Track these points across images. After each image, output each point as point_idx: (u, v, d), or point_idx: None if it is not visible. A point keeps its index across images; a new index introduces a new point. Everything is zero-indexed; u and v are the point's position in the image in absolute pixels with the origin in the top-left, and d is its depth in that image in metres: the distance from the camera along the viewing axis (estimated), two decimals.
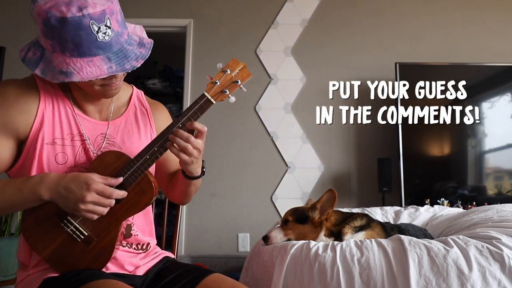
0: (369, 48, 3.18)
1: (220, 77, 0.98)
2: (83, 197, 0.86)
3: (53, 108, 0.97)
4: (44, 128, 0.95)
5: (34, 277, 0.96)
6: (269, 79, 3.17)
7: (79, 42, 0.83)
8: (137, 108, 1.13)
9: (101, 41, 0.85)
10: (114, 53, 0.88)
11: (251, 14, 3.25)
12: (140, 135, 1.10)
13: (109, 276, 0.93)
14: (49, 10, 0.82)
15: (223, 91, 0.98)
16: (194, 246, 3.00)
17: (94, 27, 0.83)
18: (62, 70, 0.84)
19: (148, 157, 0.94)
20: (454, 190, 2.80)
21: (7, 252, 2.51)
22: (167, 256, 1.16)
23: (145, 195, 0.96)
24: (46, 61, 0.87)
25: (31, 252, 0.98)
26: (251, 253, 1.43)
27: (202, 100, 0.96)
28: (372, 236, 1.26)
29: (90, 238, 0.94)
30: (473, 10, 3.21)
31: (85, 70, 0.84)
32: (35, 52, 0.89)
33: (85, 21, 0.81)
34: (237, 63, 0.99)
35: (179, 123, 0.94)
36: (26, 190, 0.88)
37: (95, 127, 1.03)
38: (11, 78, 0.99)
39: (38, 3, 0.83)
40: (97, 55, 0.85)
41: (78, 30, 0.82)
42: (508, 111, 2.87)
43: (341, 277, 1.06)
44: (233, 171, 3.09)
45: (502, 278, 1.00)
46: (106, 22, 0.84)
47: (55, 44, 0.85)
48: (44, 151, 0.94)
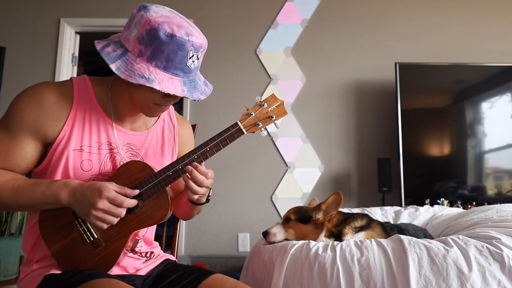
0: (369, 48, 3.18)
1: (256, 109, 1.01)
2: (94, 203, 0.88)
3: (84, 116, 0.99)
4: (73, 135, 0.97)
5: (37, 273, 0.97)
6: (269, 79, 3.17)
7: (172, 59, 0.90)
8: (165, 122, 1.16)
9: (188, 67, 0.93)
10: (189, 80, 0.96)
11: (251, 14, 3.25)
12: (163, 151, 1.12)
13: (109, 275, 0.93)
14: (161, 24, 0.88)
15: (257, 124, 1.01)
16: (194, 246, 3.00)
17: (190, 53, 0.92)
18: (143, 75, 0.89)
19: (171, 173, 0.96)
20: (454, 190, 2.80)
21: (7, 252, 2.51)
22: (168, 258, 1.17)
23: (160, 210, 0.97)
24: (126, 61, 0.90)
25: (36, 247, 1.00)
26: (251, 253, 1.43)
27: (234, 129, 0.99)
28: (372, 236, 1.27)
29: (98, 241, 0.95)
30: (473, 10, 3.21)
31: (164, 83, 0.90)
32: (115, 49, 0.92)
33: (187, 45, 0.90)
34: (275, 99, 1.02)
35: (207, 147, 0.97)
36: (48, 193, 0.92)
37: (124, 136, 1.05)
38: (50, 81, 1.01)
39: (150, 14, 0.90)
40: (178, 76, 0.93)
41: (178, 49, 0.90)
42: (508, 111, 2.88)
43: (341, 277, 1.06)
44: (233, 171, 3.09)
45: (502, 278, 1.00)
46: (199, 54, 0.94)
47: (148, 51, 0.89)
48: (71, 157, 0.97)
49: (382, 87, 3.10)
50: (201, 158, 0.97)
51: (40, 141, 0.96)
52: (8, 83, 3.18)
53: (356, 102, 3.15)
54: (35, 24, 3.27)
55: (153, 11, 0.91)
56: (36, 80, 3.10)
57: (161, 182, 0.96)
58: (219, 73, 3.17)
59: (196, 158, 0.97)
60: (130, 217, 0.96)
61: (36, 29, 3.26)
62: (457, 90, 2.94)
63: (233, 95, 3.13)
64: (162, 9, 0.93)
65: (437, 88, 2.94)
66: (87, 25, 3.30)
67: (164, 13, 0.92)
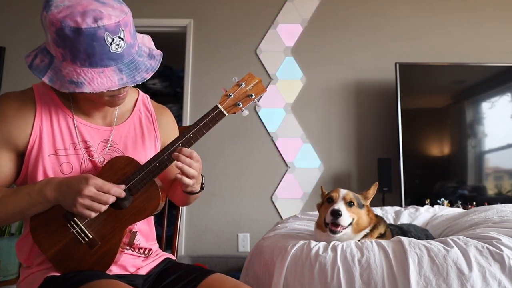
0: (369, 48, 3.18)
1: (234, 90, 1.00)
2: (81, 190, 0.86)
3: (51, 120, 0.98)
4: (44, 141, 0.96)
5: (36, 275, 0.96)
6: (269, 79, 3.17)
7: (92, 53, 0.83)
8: (142, 113, 1.13)
9: (114, 53, 0.84)
10: (125, 64, 0.88)
11: (251, 14, 3.25)
12: (144, 142, 1.10)
13: (110, 276, 0.93)
14: (63, 20, 0.81)
15: (237, 104, 1.00)
16: (194, 246, 3.00)
17: (108, 39, 0.83)
18: (72, 80, 0.84)
19: (158, 164, 0.95)
20: (454, 190, 2.80)
21: (7, 252, 2.51)
22: (168, 257, 1.17)
23: (151, 202, 0.96)
24: (55, 69, 0.86)
25: (32, 255, 0.99)
26: (252, 252, 1.43)
27: (214, 112, 0.98)
28: None
29: (94, 241, 0.95)
30: (473, 10, 3.21)
31: (96, 81, 0.84)
32: (43, 59, 0.88)
33: (99, 33, 0.81)
34: (252, 77, 1.01)
35: (190, 133, 0.96)
36: (33, 193, 0.90)
37: (98, 133, 1.03)
38: (10, 92, 1.00)
39: (51, 11, 0.82)
40: (108, 66, 0.85)
41: (92, 41, 0.81)
42: (508, 111, 2.88)
43: (342, 277, 1.06)
44: (233, 171, 3.09)
45: (502, 278, 1.00)
46: (120, 34, 0.84)
47: (67, 53, 0.84)
48: (47, 163, 0.95)
49: (382, 87, 3.10)
50: (186, 145, 0.96)
51: (14, 152, 0.95)
52: (8, 83, 3.17)
53: (356, 102, 3.15)
54: (35, 24, 3.26)
55: (54, 6, 0.83)
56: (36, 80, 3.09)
57: (148, 174, 0.94)
58: (219, 73, 3.16)
59: (180, 146, 0.96)
60: (123, 213, 0.95)
61: (36, 29, 3.25)
62: (457, 90, 2.94)
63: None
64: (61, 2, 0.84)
65: (437, 88, 2.94)
66: None
67: (67, 3, 0.83)
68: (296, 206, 3.02)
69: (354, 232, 1.22)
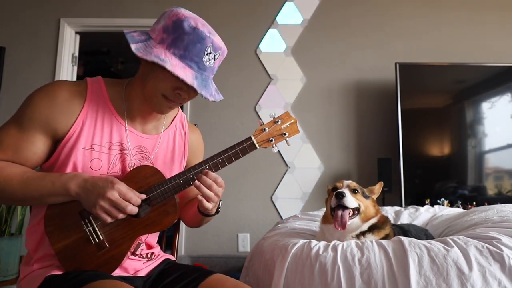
0: (369, 48, 3.18)
1: (270, 125, 1.04)
2: (104, 193, 0.88)
3: (96, 115, 1.00)
4: (84, 133, 0.98)
5: (37, 273, 0.96)
6: (269, 79, 3.17)
7: (190, 49, 0.93)
8: (177, 129, 1.17)
9: (203, 62, 0.95)
10: (202, 77, 0.97)
11: (251, 14, 3.25)
12: (173, 157, 1.13)
13: (111, 277, 0.93)
14: (187, 17, 0.94)
15: (269, 140, 1.04)
16: (194, 246, 3.00)
17: (208, 49, 0.95)
18: (159, 56, 0.91)
19: (182, 182, 0.97)
20: (454, 190, 2.80)
21: (7, 252, 2.51)
22: (168, 258, 1.17)
23: (167, 217, 0.97)
24: (146, 45, 0.94)
25: (40, 245, 0.99)
26: (252, 252, 1.43)
27: (247, 143, 1.02)
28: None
29: (103, 243, 0.95)
30: (473, 10, 3.21)
31: (177, 68, 0.92)
32: (140, 35, 0.96)
33: (207, 41, 0.94)
34: (289, 117, 1.05)
35: (219, 158, 0.99)
36: (58, 183, 0.92)
37: (136, 138, 1.06)
38: (64, 80, 1.04)
39: (181, 10, 0.96)
40: (191, 67, 0.95)
41: (197, 42, 0.93)
42: (508, 111, 2.88)
43: (342, 276, 1.06)
44: (233, 171, 3.08)
45: (502, 278, 1.00)
46: (216, 55, 0.97)
47: (169, 38, 0.93)
48: (80, 154, 0.97)
49: (382, 87, 3.10)
50: (213, 169, 0.99)
51: (50, 136, 0.97)
52: (8, 83, 3.17)
53: (356, 102, 3.15)
54: (35, 24, 3.27)
55: (184, 10, 0.96)
56: (36, 80, 3.11)
57: (171, 189, 0.96)
58: (219, 73, 3.14)
59: (207, 169, 0.98)
60: (136, 222, 0.96)
61: (36, 29, 3.26)
62: (457, 90, 2.94)
63: (233, 95, 3.13)
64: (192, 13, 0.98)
65: (437, 88, 2.94)
66: (87, 25, 3.30)
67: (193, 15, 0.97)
68: (296, 206, 3.02)
69: (362, 221, 1.24)
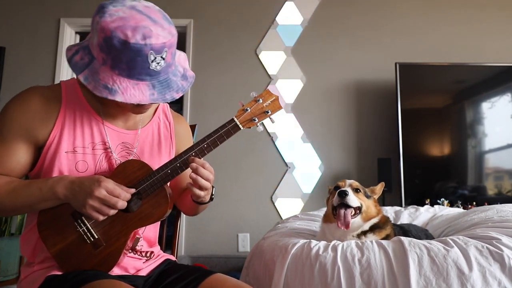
0: (369, 48, 3.18)
1: (251, 105, 1.02)
2: (92, 192, 0.88)
3: (74, 118, 0.99)
4: (64, 137, 0.97)
5: (38, 274, 0.96)
6: (269, 79, 3.17)
7: (133, 66, 0.85)
8: (161, 120, 1.15)
9: (152, 70, 0.88)
10: (160, 81, 0.90)
11: (251, 14, 3.25)
12: (160, 149, 1.12)
13: (112, 276, 0.93)
14: (114, 30, 0.83)
15: (253, 119, 1.02)
16: (194, 246, 3.00)
17: (151, 57, 0.86)
18: (107, 85, 0.86)
19: (169, 171, 0.96)
20: (454, 190, 2.80)
21: (7, 252, 2.51)
22: (168, 258, 1.17)
23: (159, 208, 0.97)
24: (92, 70, 0.87)
25: (37, 250, 1.00)
26: (252, 252, 1.43)
27: (230, 125, 1.00)
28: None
29: (99, 242, 0.95)
30: (473, 10, 3.21)
31: (129, 92, 0.86)
32: (83, 57, 0.90)
33: (145, 50, 0.84)
34: (270, 94, 1.04)
35: (204, 143, 0.98)
36: (45, 188, 0.92)
37: (118, 135, 1.05)
38: (38, 86, 1.02)
39: (105, 19, 0.84)
40: (144, 80, 0.88)
41: (136, 56, 0.84)
42: (508, 111, 2.88)
43: (342, 277, 1.06)
44: (233, 171, 3.09)
45: (502, 278, 1.00)
46: (163, 54, 0.87)
47: (108, 59, 0.86)
48: (64, 159, 0.97)
49: (382, 87, 3.10)
50: (199, 155, 0.98)
51: (32, 144, 0.96)
52: (8, 83, 3.17)
53: (356, 102, 3.15)
54: (35, 24, 3.27)
55: (108, 14, 0.85)
56: (36, 80, 3.11)
57: (159, 180, 0.96)
58: (219, 73, 3.16)
59: (193, 155, 0.97)
60: (130, 216, 0.96)
61: (36, 29, 3.26)
62: (457, 90, 2.94)
63: (233, 95, 3.13)
64: (121, 7, 0.87)
65: (437, 88, 2.94)
66: (87, 25, 3.30)
67: (121, 14, 0.85)
68: (296, 206, 3.03)
69: (363, 221, 1.25)
